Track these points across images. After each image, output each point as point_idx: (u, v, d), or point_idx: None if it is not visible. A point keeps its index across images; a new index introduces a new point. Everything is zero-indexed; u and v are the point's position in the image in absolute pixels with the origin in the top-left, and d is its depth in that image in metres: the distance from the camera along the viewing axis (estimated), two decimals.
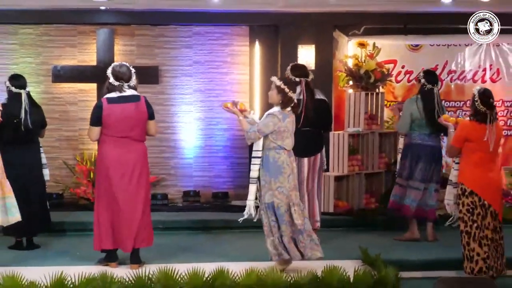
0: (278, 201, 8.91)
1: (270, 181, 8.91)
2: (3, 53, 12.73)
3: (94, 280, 8.46)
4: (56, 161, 12.75)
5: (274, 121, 8.86)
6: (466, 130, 8.76)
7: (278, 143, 8.90)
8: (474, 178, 8.76)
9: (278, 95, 8.93)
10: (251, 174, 9.01)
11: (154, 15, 12.56)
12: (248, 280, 8.56)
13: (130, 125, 9.30)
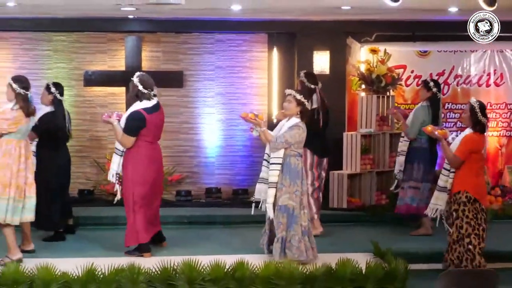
0: (294, 204, 8.99)
1: (289, 184, 8.98)
2: (38, 59, 12.80)
3: (122, 271, 8.53)
4: (87, 159, 12.82)
5: (299, 132, 8.99)
6: (471, 142, 8.78)
7: (298, 151, 9.00)
8: (477, 187, 8.85)
9: (297, 107, 9.01)
10: (272, 179, 9.03)
11: (178, 23, 12.60)
12: (267, 272, 8.60)
13: (160, 132, 9.71)
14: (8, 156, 8.95)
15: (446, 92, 12.75)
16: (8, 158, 8.95)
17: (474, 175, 8.85)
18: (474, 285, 6.72)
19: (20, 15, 11.99)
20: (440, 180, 8.99)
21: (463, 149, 8.71)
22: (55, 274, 8.48)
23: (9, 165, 8.93)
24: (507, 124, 12.82)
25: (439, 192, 9.00)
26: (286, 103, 9.13)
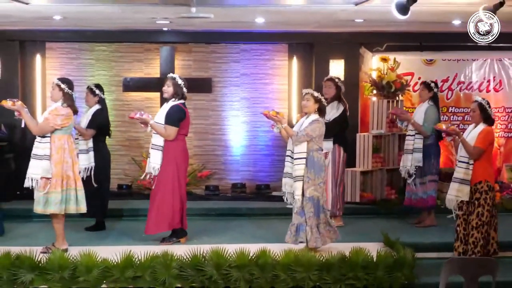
0: (319, 195, 8.96)
1: (314, 177, 8.92)
2: (82, 67, 12.84)
3: (157, 258, 8.53)
4: (126, 157, 12.85)
5: (319, 126, 8.91)
6: (490, 134, 8.76)
7: (319, 145, 8.94)
8: (493, 177, 8.95)
9: (315, 104, 8.95)
10: (298, 173, 8.94)
11: (208, 34, 12.59)
12: (287, 259, 8.58)
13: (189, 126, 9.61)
14: (62, 151, 8.94)
15: (450, 97, 12.73)
16: (62, 153, 8.95)
17: (491, 165, 8.92)
18: (476, 272, 6.67)
19: (66, 28, 12.03)
20: (459, 173, 8.78)
21: (484, 141, 8.63)
22: (96, 260, 8.50)
23: (64, 159, 8.94)
24: (505, 126, 12.77)
25: (460, 184, 8.76)
26: (304, 101, 9.08)
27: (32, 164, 8.86)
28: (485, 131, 8.73)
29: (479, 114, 8.79)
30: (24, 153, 9.41)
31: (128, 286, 8.46)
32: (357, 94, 12.76)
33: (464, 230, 8.82)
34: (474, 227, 8.70)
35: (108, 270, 8.43)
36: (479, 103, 8.81)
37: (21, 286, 8.34)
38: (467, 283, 6.53)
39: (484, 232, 8.69)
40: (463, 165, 8.77)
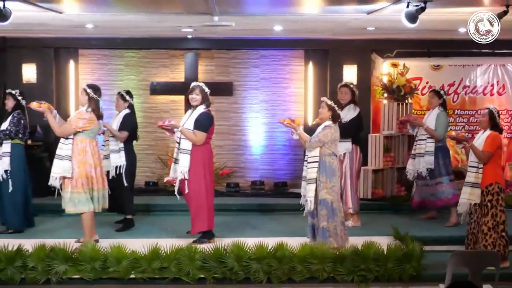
0: (332, 198, 8.92)
1: (326, 181, 8.90)
2: (112, 72, 12.90)
3: (182, 250, 8.57)
4: (152, 156, 12.90)
5: (331, 131, 8.90)
6: (498, 139, 8.74)
7: (332, 150, 8.92)
8: (503, 178, 8.93)
9: (329, 112, 8.96)
10: (310, 176, 8.94)
11: (229, 41, 12.62)
12: (303, 252, 8.59)
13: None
14: (83, 153, 8.98)
15: (455, 100, 12.69)
16: (84, 155, 8.98)
17: (500, 168, 8.93)
18: (480, 265, 6.67)
19: (97, 35, 12.10)
20: (470, 177, 8.72)
21: (492, 145, 8.62)
22: (125, 252, 8.55)
23: (87, 161, 8.98)
24: (508, 127, 12.73)
25: (472, 188, 8.69)
26: (320, 109, 9.11)
27: (55, 163, 8.94)
28: (492, 135, 8.72)
29: (488, 121, 8.79)
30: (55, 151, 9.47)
31: (154, 276, 8.49)
32: (369, 97, 12.75)
33: (474, 229, 8.81)
34: (491, 228, 8.62)
35: (136, 262, 8.47)
36: (490, 111, 8.81)
37: (55, 276, 8.39)
38: (472, 274, 6.53)
39: (500, 232, 8.63)
40: (473, 170, 8.72)
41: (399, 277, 8.55)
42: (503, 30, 7.86)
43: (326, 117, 9.03)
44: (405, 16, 7.40)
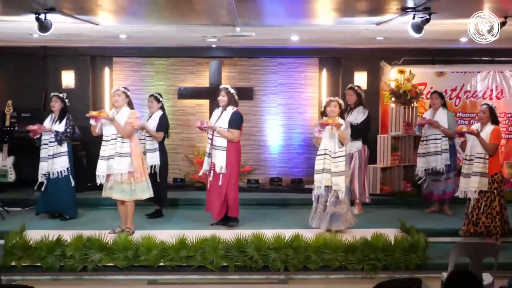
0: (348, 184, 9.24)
1: (348, 171, 9.36)
2: (144, 78, 12.92)
3: (206, 240, 8.59)
4: (180, 155, 12.91)
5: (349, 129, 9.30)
6: (500, 132, 8.96)
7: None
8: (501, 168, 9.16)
9: (339, 110, 9.07)
10: (341, 168, 9.10)
11: (250, 50, 12.59)
12: (317, 242, 8.59)
13: None
14: (139, 147, 9.25)
15: (457, 104, 12.62)
16: (139, 149, 9.27)
17: (499, 159, 9.15)
18: (480, 255, 6.62)
19: (130, 45, 12.13)
20: (477, 167, 8.77)
21: (498, 138, 8.84)
22: (155, 242, 8.57)
23: (139, 154, 9.19)
24: (506, 128, 12.64)
25: (480, 177, 8.76)
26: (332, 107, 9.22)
27: (118, 161, 8.97)
28: (496, 129, 8.86)
29: (489, 116, 8.93)
30: (94, 151, 9.50)
31: (181, 264, 8.52)
32: (378, 101, 12.69)
33: (477, 215, 8.81)
34: (499, 212, 8.80)
35: (165, 251, 8.50)
36: (490, 107, 8.99)
37: (91, 264, 8.43)
38: (473, 264, 6.48)
39: (505, 215, 8.89)
40: (481, 160, 8.80)
41: (405, 266, 8.53)
42: (502, 40, 7.79)
43: (336, 115, 9.11)
44: (411, 27, 7.37)
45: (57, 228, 9.31)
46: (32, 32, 8.48)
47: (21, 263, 8.43)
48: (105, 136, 9.04)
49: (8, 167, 11.39)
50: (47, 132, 9.94)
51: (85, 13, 7.73)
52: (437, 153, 10.50)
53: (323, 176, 9.07)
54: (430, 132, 10.60)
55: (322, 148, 9.12)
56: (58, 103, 10.08)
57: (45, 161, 9.95)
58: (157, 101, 10.36)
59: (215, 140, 9.48)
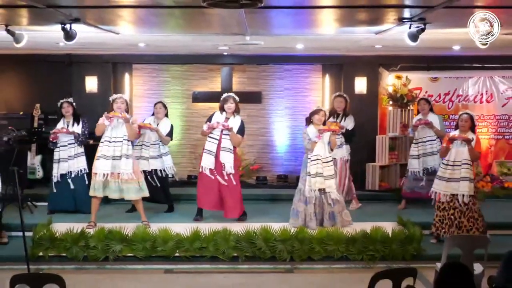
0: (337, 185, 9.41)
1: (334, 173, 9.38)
2: (160, 83, 12.93)
3: (218, 233, 8.61)
4: (194, 154, 12.90)
5: None
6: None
7: None
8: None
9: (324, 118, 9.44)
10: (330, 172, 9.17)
11: (259, 57, 12.58)
12: (320, 235, 8.61)
13: None
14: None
15: (450, 107, 12.59)
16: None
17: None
18: (471, 246, 6.61)
19: (149, 52, 12.14)
20: (467, 173, 8.61)
21: (480, 147, 8.82)
22: (171, 234, 8.59)
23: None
24: (495, 130, 12.62)
25: (469, 182, 8.63)
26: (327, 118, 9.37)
27: (125, 162, 9.04)
28: (478, 139, 8.88)
29: (470, 124, 8.77)
30: None
31: (195, 254, 8.54)
32: (377, 104, 12.67)
33: (459, 219, 8.70)
34: (480, 214, 8.74)
35: (180, 242, 8.52)
36: (471, 116, 8.86)
37: (112, 254, 8.46)
38: (464, 255, 6.47)
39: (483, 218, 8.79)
40: (469, 166, 8.66)
41: (402, 256, 8.53)
42: (492, 47, 7.76)
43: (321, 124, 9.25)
44: (408, 35, 7.37)
45: (81, 221, 9.33)
46: (59, 41, 8.51)
47: (48, 253, 8.47)
48: (112, 137, 9.05)
49: (36, 165, 11.45)
50: (64, 135, 9.94)
51: (107, 24, 7.75)
52: (433, 153, 10.43)
53: (316, 179, 9.06)
54: (425, 134, 10.51)
55: (315, 154, 9.09)
56: (70, 108, 10.10)
57: (65, 162, 9.95)
58: (165, 107, 10.40)
59: (224, 142, 9.43)
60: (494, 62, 12.44)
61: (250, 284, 7.94)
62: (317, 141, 9.07)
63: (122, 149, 8.99)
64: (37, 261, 8.37)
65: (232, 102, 9.47)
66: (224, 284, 7.96)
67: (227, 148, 9.42)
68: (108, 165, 8.96)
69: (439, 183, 8.85)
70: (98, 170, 9.00)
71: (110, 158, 8.97)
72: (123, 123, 9.03)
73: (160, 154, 10.17)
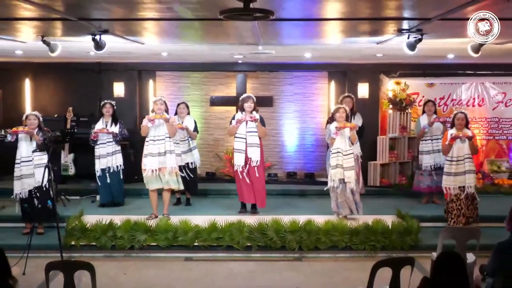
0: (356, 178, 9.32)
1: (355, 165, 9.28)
2: (181, 89, 12.95)
3: (233, 224, 8.62)
4: (211, 153, 12.92)
5: None
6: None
7: None
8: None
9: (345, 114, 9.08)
10: (351, 164, 9.06)
11: (270, 65, 12.60)
12: (326, 226, 8.58)
13: None
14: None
15: (445, 110, 12.50)
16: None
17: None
18: (465, 237, 6.58)
19: (170, 61, 12.16)
20: (471, 166, 8.69)
21: (476, 141, 8.81)
22: (191, 225, 8.60)
23: None
24: (486, 131, 12.55)
25: (474, 175, 8.75)
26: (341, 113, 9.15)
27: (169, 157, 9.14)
28: (474, 134, 8.86)
29: (465, 122, 8.75)
30: (140, 149, 9.55)
31: (212, 244, 8.55)
32: (378, 108, 12.63)
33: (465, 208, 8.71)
34: (476, 204, 8.79)
35: (199, 233, 8.53)
36: (465, 114, 8.85)
37: (137, 244, 8.48)
38: (458, 245, 6.44)
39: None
40: (472, 160, 8.76)
41: (401, 246, 8.51)
42: (483, 56, 7.72)
43: (343, 120, 9.11)
44: (406, 45, 7.34)
45: (109, 213, 9.35)
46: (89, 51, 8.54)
47: (79, 242, 8.51)
48: (156, 136, 9.09)
49: (69, 162, 11.50)
50: (103, 134, 10.01)
51: (133, 35, 7.78)
52: (440, 151, 10.35)
53: (337, 171, 9.04)
54: (436, 132, 10.41)
55: (336, 147, 9.07)
56: (111, 109, 10.16)
57: (104, 158, 10.03)
58: (187, 107, 10.44)
59: (250, 139, 9.43)
60: (486, 69, 12.38)
61: (262, 271, 7.93)
62: (335, 137, 9.05)
63: (166, 146, 9.09)
64: (69, 250, 8.41)
65: (252, 102, 9.49)
66: (239, 271, 7.95)
67: (253, 143, 9.43)
68: (155, 162, 9.04)
69: (447, 179, 8.83)
70: (147, 167, 9.08)
71: (156, 155, 9.04)
72: (163, 123, 9.07)
73: (190, 149, 10.27)
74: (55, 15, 6.03)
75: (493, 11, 5.33)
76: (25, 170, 8.78)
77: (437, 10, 5.79)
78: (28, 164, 8.78)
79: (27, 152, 8.79)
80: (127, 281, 7.54)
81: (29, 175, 8.76)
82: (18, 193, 8.83)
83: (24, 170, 8.78)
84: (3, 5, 5.45)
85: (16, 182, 8.84)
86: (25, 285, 6.98)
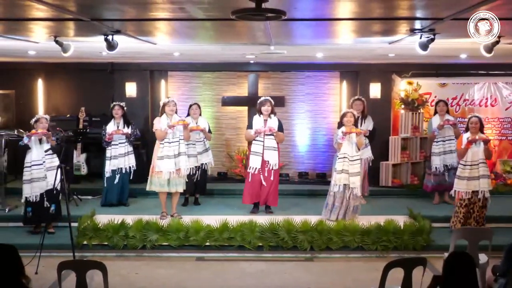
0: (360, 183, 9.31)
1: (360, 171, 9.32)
2: (193, 89, 12.96)
3: (245, 224, 8.65)
4: (223, 153, 12.93)
5: None
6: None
7: None
8: None
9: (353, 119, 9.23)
10: (357, 169, 9.06)
11: (282, 65, 12.60)
12: (338, 226, 8.59)
13: None
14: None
15: (457, 110, 12.48)
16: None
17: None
18: (477, 238, 6.56)
19: (182, 61, 12.18)
20: (485, 171, 8.62)
21: (491, 145, 8.74)
22: (202, 225, 8.62)
23: None
24: (498, 131, 12.50)
25: (488, 179, 8.65)
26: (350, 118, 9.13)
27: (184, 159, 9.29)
28: (489, 139, 8.87)
29: (479, 126, 8.72)
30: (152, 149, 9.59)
31: (224, 244, 8.57)
32: (390, 108, 12.60)
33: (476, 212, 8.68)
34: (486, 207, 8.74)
35: (210, 232, 8.56)
36: (480, 118, 8.83)
37: (149, 243, 8.52)
38: (470, 245, 6.42)
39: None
40: (486, 165, 8.70)
41: (413, 247, 8.50)
42: (496, 56, 7.68)
43: (351, 124, 9.09)
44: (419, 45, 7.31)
45: (121, 213, 9.40)
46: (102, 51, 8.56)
47: (91, 242, 8.55)
48: (170, 138, 9.19)
49: (81, 162, 11.55)
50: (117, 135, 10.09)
51: (145, 35, 7.80)
52: (452, 152, 10.30)
53: (342, 176, 9.03)
54: (448, 133, 10.42)
55: (343, 152, 9.06)
56: (120, 111, 10.20)
57: (116, 159, 10.08)
58: (200, 108, 10.48)
59: (267, 142, 9.50)
60: (498, 69, 12.33)
61: (273, 271, 7.94)
62: (341, 142, 9.03)
63: (180, 148, 9.21)
64: (82, 249, 8.46)
65: (269, 105, 9.56)
66: (250, 271, 7.97)
67: (271, 147, 9.52)
68: (172, 164, 9.12)
69: (459, 182, 8.74)
70: (163, 169, 9.12)
71: (172, 157, 9.11)
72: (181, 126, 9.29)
73: (206, 149, 10.35)
74: (68, 15, 6.06)
75: (505, 10, 5.31)
76: (36, 174, 8.79)
77: (450, 10, 5.76)
78: (39, 167, 8.81)
79: (38, 155, 8.81)
80: (139, 281, 7.58)
81: (41, 179, 8.79)
82: (28, 196, 8.84)
83: (35, 174, 8.79)
84: (16, 5, 5.48)
85: (25, 185, 8.84)
86: (37, 284, 7.04)
